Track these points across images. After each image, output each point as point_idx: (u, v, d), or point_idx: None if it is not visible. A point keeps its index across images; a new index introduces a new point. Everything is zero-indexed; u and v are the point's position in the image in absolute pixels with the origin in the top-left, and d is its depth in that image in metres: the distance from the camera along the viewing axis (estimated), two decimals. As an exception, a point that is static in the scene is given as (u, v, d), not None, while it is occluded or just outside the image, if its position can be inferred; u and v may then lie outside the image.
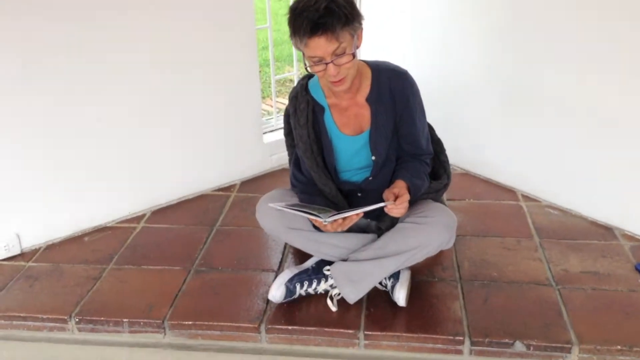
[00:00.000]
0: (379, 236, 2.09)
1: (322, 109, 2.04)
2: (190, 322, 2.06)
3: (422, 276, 2.22)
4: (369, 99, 1.99)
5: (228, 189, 3.04)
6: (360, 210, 1.79)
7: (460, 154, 3.08)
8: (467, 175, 3.10)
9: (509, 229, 2.54)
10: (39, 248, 2.55)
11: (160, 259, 2.42)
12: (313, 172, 2.07)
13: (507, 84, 2.78)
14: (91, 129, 2.56)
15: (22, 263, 2.44)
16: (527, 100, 2.71)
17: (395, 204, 1.85)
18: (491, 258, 2.33)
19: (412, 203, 2.02)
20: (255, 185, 3.08)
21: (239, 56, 2.90)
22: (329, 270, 2.10)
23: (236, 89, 2.95)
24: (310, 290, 2.10)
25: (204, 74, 2.81)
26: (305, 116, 2.03)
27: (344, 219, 1.84)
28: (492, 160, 2.97)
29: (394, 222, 2.06)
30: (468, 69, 2.94)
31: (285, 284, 2.08)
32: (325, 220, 1.74)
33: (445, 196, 2.71)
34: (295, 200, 2.12)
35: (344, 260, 2.07)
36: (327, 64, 1.78)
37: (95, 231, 2.67)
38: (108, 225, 2.72)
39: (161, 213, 2.83)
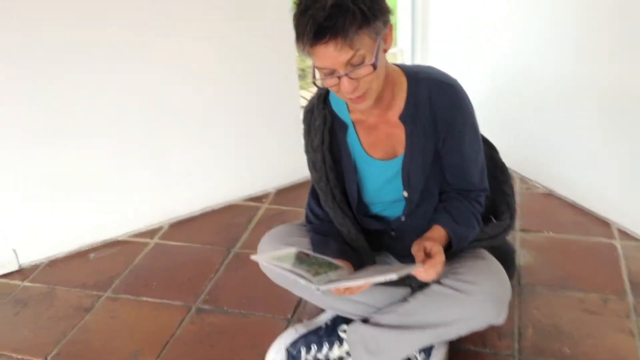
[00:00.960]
0: (413, 291, 1.61)
1: (344, 126, 1.57)
2: (172, 384, 1.71)
3: (468, 344, 1.72)
4: (402, 117, 1.50)
5: (260, 198, 2.65)
6: (368, 281, 1.32)
7: (542, 169, 2.49)
8: (550, 196, 2.50)
9: (594, 280, 1.96)
10: (39, 264, 2.29)
11: (163, 289, 2.08)
12: (328, 208, 1.62)
13: (606, 88, 2.14)
14: (101, 129, 2.25)
15: (17, 282, 2.19)
16: (633, 110, 2.07)
17: (424, 267, 1.37)
18: (566, 324, 1.78)
19: (455, 255, 1.53)
20: (292, 195, 2.66)
21: (277, 51, 2.47)
22: (345, 331, 1.66)
23: (274, 86, 2.53)
24: (320, 357, 1.67)
25: (237, 70, 2.41)
26: (320, 136, 1.57)
27: (347, 288, 1.39)
28: (583, 181, 2.35)
29: (430, 278, 1.57)
30: (555, 68, 2.32)
31: (287, 348, 1.66)
32: (319, 287, 1.29)
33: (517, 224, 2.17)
34: (306, 240, 1.68)
35: (365, 320, 1.61)
36: (340, 77, 1.32)
37: (104, 246, 2.38)
38: (119, 239, 2.41)
39: (180, 227, 2.48)
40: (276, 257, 1.39)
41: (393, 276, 1.23)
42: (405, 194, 1.56)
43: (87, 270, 2.23)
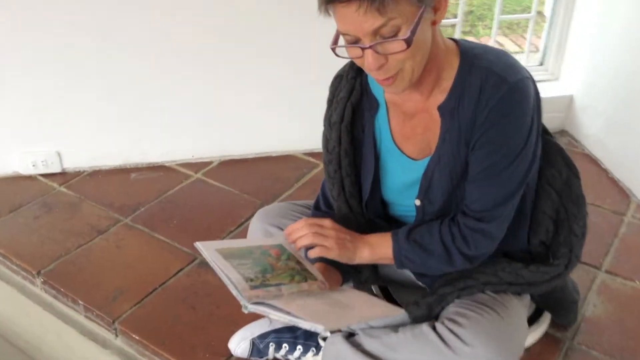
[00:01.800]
0: (412, 320, 1.29)
1: (375, 104, 1.23)
2: (137, 337, 1.56)
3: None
4: (441, 109, 1.14)
5: (319, 155, 2.38)
6: (294, 321, 1.02)
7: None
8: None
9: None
10: (82, 172, 2.24)
11: (178, 230, 1.93)
12: (332, 199, 1.31)
13: None
14: (175, 51, 2.09)
15: (54, 185, 2.17)
16: None
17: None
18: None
19: (467, 293, 1.20)
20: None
21: None
22: (325, 339, 1.39)
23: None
24: (290, 358, 1.43)
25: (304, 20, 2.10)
26: (341, 111, 1.25)
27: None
28: None
29: (431, 312, 1.24)
30: None
31: (254, 339, 1.43)
32: (247, 305, 1.02)
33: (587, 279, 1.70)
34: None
35: (351, 334, 1.32)
36: (364, 48, 1.00)
37: (149, 169, 2.27)
38: (166, 164, 2.29)
39: (228, 166, 2.30)
40: (227, 249, 1.14)
41: (319, 328, 0.94)
42: (418, 202, 1.22)
43: (121, 189, 2.15)
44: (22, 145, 2.16)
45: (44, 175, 2.21)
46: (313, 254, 1.17)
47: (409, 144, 1.22)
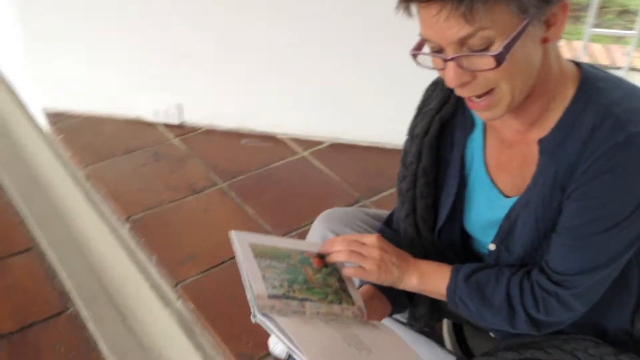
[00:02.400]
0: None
1: (470, 124, 1.05)
2: (192, 306, 1.55)
3: None
4: (543, 143, 0.93)
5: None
6: (290, 347, 0.89)
7: None
8: None
9: None
10: (199, 128, 2.28)
11: (268, 208, 1.89)
12: (400, 220, 1.15)
13: None
14: (297, 25, 2.03)
15: (169, 136, 2.23)
16: None
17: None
18: None
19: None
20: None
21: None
22: None
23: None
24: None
25: None
26: (426, 124, 1.09)
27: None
28: None
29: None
30: None
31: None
32: (255, 314, 0.92)
33: None
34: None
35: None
36: (446, 60, 0.83)
37: (260, 137, 2.25)
38: (278, 136, 2.25)
39: (337, 150, 2.20)
40: (262, 247, 1.04)
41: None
42: (492, 247, 1.02)
43: (228, 153, 2.15)
44: (148, 92, 2.24)
45: (164, 125, 2.28)
46: (347, 272, 1.04)
47: (503, 177, 1.02)
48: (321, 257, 1.06)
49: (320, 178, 2.04)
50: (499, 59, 0.79)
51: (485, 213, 1.05)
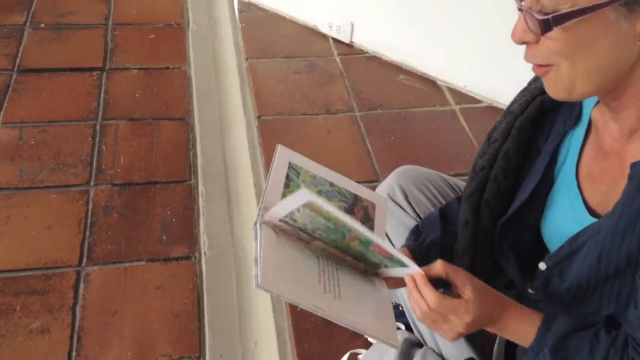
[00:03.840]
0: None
1: (575, 116, 0.89)
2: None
3: None
4: (635, 167, 0.76)
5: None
6: (350, 324, 0.80)
7: None
8: None
9: None
10: (364, 52, 2.25)
11: (385, 149, 1.84)
12: (463, 200, 1.01)
13: None
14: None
15: (335, 51, 2.25)
16: None
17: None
18: None
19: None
20: None
21: None
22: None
23: None
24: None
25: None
26: (525, 102, 0.96)
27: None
28: None
29: None
30: None
31: None
32: (256, 221, 0.85)
33: None
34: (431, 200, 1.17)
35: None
36: (520, 9, 0.73)
37: (419, 77, 2.15)
38: (438, 81, 2.13)
39: (490, 113, 2.01)
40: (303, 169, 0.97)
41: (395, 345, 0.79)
42: (543, 266, 0.88)
43: (378, 84, 2.12)
44: (328, 4, 2.25)
45: (333, 40, 2.29)
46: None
47: (592, 189, 0.86)
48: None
49: (458, 137, 1.92)
50: (543, 26, 0.69)
51: (564, 222, 0.90)
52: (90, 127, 1.93)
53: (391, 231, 1.15)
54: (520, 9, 0.72)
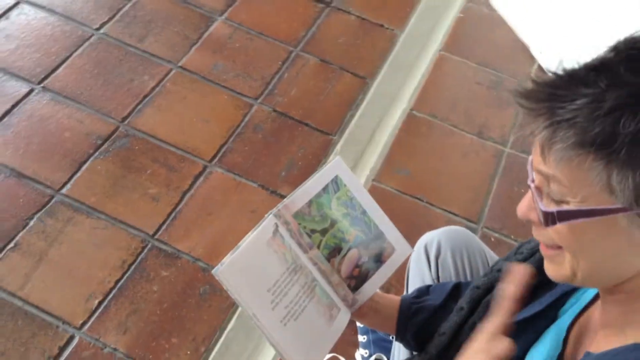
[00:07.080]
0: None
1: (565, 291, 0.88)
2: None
3: None
4: (588, 357, 0.75)
5: None
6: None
7: None
8: None
9: None
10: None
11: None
12: (463, 299, 1.03)
13: None
14: None
15: None
16: None
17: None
18: None
19: None
20: None
21: None
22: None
23: None
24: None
25: None
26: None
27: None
28: None
29: None
30: None
31: None
32: (270, 213, 0.91)
33: None
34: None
35: None
36: (531, 182, 0.71)
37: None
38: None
39: None
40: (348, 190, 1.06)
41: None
42: None
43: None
44: (551, 32, 2.13)
45: (539, 67, 2.19)
46: None
47: (571, 345, 0.86)
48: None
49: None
50: (545, 219, 0.66)
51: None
52: (287, 52, 2.15)
53: (411, 276, 1.20)
54: (529, 183, 0.69)
